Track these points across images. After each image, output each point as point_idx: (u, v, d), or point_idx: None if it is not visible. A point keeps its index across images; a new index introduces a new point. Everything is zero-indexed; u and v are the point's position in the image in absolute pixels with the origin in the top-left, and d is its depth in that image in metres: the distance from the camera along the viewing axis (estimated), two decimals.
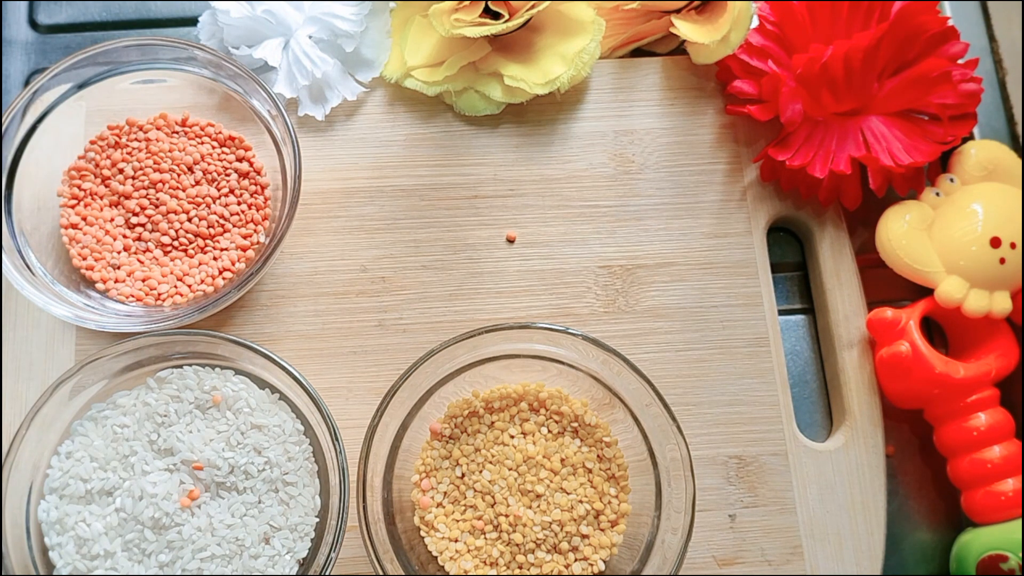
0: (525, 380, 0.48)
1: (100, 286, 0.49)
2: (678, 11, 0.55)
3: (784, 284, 0.55)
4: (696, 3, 0.55)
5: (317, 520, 0.45)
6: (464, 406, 0.47)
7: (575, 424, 0.47)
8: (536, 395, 0.47)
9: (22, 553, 0.43)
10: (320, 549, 0.44)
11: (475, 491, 0.46)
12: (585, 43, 0.53)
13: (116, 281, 0.49)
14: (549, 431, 0.47)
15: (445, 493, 0.46)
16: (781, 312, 0.54)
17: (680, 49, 0.57)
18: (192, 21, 0.58)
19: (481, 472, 0.46)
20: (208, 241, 0.51)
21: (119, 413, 0.45)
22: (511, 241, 0.53)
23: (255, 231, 0.51)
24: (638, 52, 0.58)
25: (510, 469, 0.46)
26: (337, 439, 0.44)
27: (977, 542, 0.49)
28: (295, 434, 0.46)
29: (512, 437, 0.47)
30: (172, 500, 0.44)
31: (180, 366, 0.47)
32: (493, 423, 0.47)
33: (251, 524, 0.44)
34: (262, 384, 0.47)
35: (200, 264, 0.50)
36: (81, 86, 0.50)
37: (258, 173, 0.52)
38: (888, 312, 0.50)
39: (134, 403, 0.46)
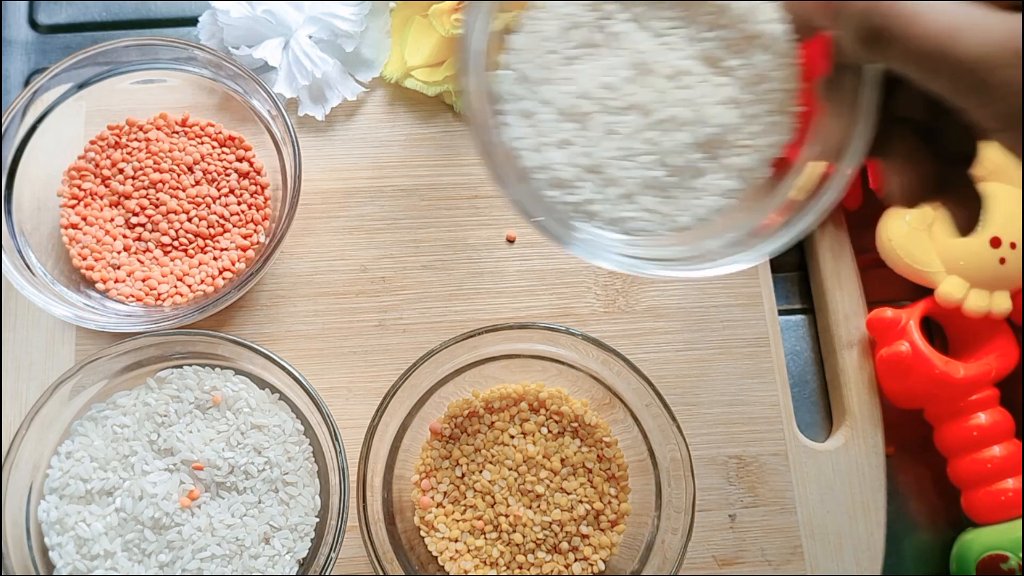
0: (525, 380, 0.48)
1: (100, 286, 0.49)
2: None
3: (784, 284, 0.55)
4: None
5: (317, 520, 0.45)
6: (464, 406, 0.47)
7: (575, 424, 0.47)
8: (536, 395, 0.47)
9: (22, 553, 0.43)
10: (320, 549, 0.44)
11: (475, 491, 0.46)
12: None
13: (116, 281, 0.49)
14: (549, 431, 0.47)
15: (445, 493, 0.46)
16: (781, 312, 0.54)
17: None
18: (192, 21, 0.58)
19: (481, 472, 0.46)
20: (208, 241, 0.51)
21: (119, 413, 0.45)
22: (511, 241, 0.53)
23: (255, 231, 0.51)
24: None
25: (510, 469, 0.46)
26: (337, 439, 0.44)
27: (977, 542, 0.49)
28: (295, 434, 0.46)
29: (512, 437, 0.47)
30: (172, 500, 0.44)
31: (180, 366, 0.47)
32: (493, 423, 0.47)
33: (251, 524, 0.44)
34: (262, 384, 0.47)
35: (200, 264, 0.50)
36: (81, 86, 0.50)
37: (258, 173, 0.52)
38: (888, 312, 0.50)
39: (134, 403, 0.46)
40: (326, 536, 0.44)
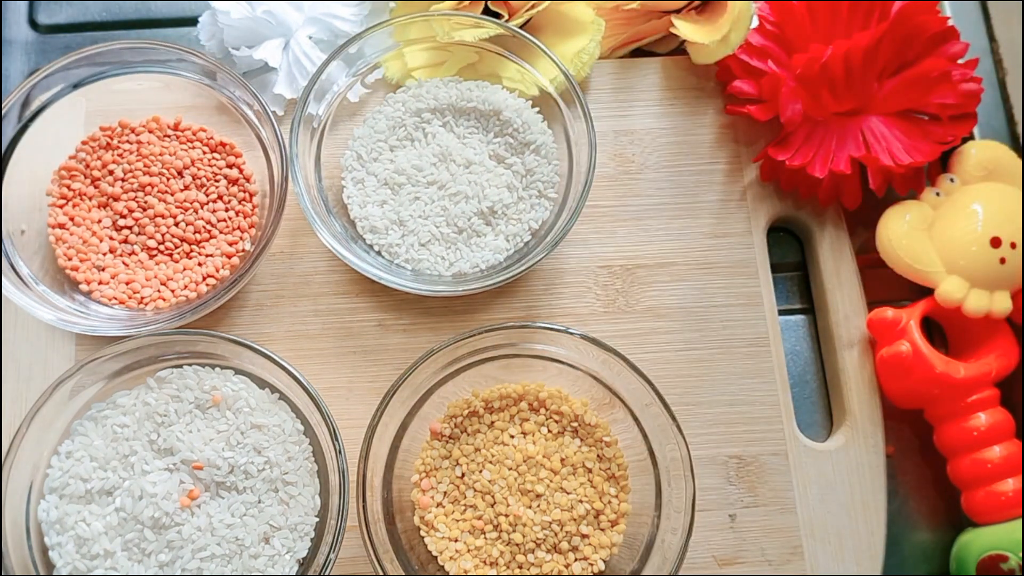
0: (525, 380, 0.48)
1: (84, 287, 0.49)
2: (678, 11, 0.55)
3: (784, 284, 0.55)
4: (696, 3, 0.55)
5: (317, 520, 0.45)
6: (464, 406, 0.47)
7: (575, 424, 0.47)
8: (536, 395, 0.47)
9: (22, 553, 0.43)
10: (320, 549, 0.44)
11: (475, 491, 0.46)
12: (584, 43, 0.53)
13: (100, 283, 0.49)
14: (549, 431, 0.47)
15: (445, 493, 0.46)
16: (781, 312, 0.54)
17: (680, 49, 0.57)
18: (192, 21, 0.58)
19: (481, 472, 0.46)
20: (194, 247, 0.50)
21: (119, 413, 0.45)
22: None
23: (241, 238, 0.51)
24: (638, 52, 0.58)
25: (510, 469, 0.46)
26: (337, 439, 0.44)
27: (977, 542, 0.49)
28: (295, 434, 0.46)
29: (512, 437, 0.47)
30: (172, 500, 0.44)
31: (180, 366, 0.47)
32: (493, 423, 0.47)
33: (251, 524, 0.44)
34: (262, 384, 0.47)
35: (184, 269, 0.50)
36: (76, 86, 0.50)
37: (247, 180, 0.51)
38: (888, 312, 0.50)
39: (134, 403, 0.46)
40: (326, 536, 0.44)
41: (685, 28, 0.53)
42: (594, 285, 0.52)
